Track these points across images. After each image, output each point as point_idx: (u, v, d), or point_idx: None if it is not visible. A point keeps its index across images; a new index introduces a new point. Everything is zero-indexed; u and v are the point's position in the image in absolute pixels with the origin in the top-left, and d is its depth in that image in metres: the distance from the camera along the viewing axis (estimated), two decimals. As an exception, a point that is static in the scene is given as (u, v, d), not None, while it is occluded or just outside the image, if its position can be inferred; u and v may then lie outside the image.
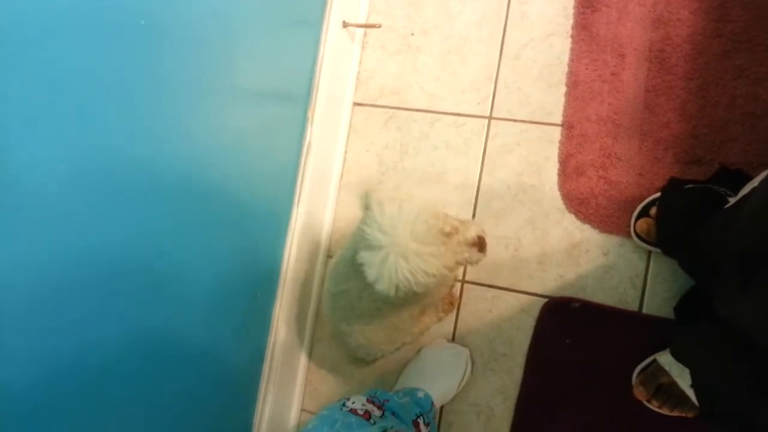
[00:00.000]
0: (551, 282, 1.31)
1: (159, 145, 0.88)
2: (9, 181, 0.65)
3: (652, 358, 1.17)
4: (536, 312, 1.31)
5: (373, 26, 1.47)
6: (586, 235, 1.30)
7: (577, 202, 1.30)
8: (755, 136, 1.20)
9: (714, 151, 1.22)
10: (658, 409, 1.17)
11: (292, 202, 1.32)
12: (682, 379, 1.09)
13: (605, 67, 1.30)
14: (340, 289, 1.18)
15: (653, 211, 1.19)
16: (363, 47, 1.51)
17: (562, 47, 1.35)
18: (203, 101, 0.97)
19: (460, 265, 1.02)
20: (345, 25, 1.39)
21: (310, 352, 1.47)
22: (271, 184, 1.26)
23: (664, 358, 1.12)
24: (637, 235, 1.22)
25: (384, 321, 1.20)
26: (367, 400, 1.13)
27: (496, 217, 1.36)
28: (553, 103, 1.35)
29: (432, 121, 1.44)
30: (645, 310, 1.25)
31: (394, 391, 1.28)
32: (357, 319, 1.20)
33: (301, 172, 1.32)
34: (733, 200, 1.07)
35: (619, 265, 1.27)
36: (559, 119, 1.34)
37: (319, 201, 1.41)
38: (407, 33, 1.48)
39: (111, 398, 0.88)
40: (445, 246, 0.95)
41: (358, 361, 1.40)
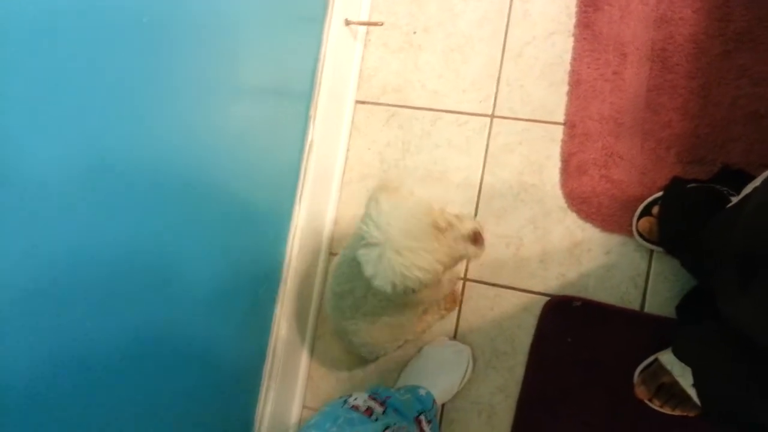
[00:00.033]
0: (553, 281, 1.31)
1: (161, 143, 0.88)
2: (10, 178, 0.65)
3: (653, 357, 1.17)
4: (538, 310, 1.31)
5: (376, 24, 1.47)
6: (588, 234, 1.30)
7: (579, 201, 1.30)
8: (757, 135, 1.20)
9: (716, 151, 1.22)
10: (659, 409, 1.17)
11: (294, 200, 1.32)
12: (684, 378, 1.09)
13: (607, 66, 1.30)
14: (344, 289, 1.18)
15: (655, 210, 1.19)
16: (365, 45, 1.51)
17: (564, 46, 1.35)
18: (205, 99, 0.97)
19: (457, 261, 1.01)
20: (347, 23, 1.39)
21: (312, 350, 1.47)
22: (273, 181, 1.26)
23: (666, 358, 1.12)
24: (639, 234, 1.22)
25: (388, 319, 1.20)
26: (369, 397, 1.13)
27: (497, 215, 1.36)
28: (555, 102, 1.35)
29: (434, 120, 1.44)
30: (647, 310, 1.25)
31: (396, 388, 1.29)
32: (361, 318, 1.20)
33: (303, 170, 1.32)
34: (735, 200, 1.07)
35: (620, 264, 1.27)
36: (561, 118, 1.34)
37: (321, 199, 1.41)
38: (409, 31, 1.48)
39: (112, 395, 0.88)
40: (439, 241, 0.96)
41: (359, 358, 1.40)
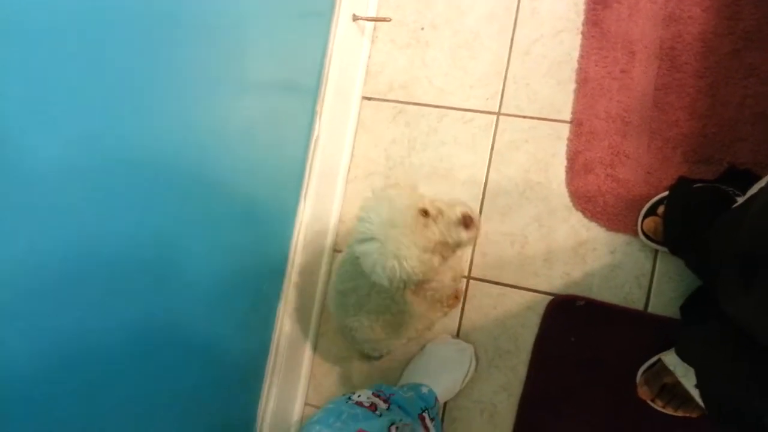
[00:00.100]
0: (557, 280, 1.31)
1: (166, 138, 0.88)
2: (14, 174, 0.65)
3: (656, 357, 1.17)
4: (541, 309, 1.31)
5: (383, 20, 1.47)
6: (593, 233, 1.30)
7: (585, 200, 1.29)
8: (765, 136, 1.19)
9: (723, 151, 1.21)
10: (662, 409, 1.17)
11: (299, 196, 1.32)
12: (687, 378, 1.09)
13: (615, 65, 1.29)
14: (347, 287, 1.18)
15: (661, 209, 1.19)
16: (372, 41, 1.51)
17: (572, 43, 1.35)
18: (212, 93, 0.97)
19: (453, 249, 1.00)
20: (355, 19, 1.39)
21: (315, 347, 1.47)
22: (278, 177, 1.26)
23: (669, 358, 1.12)
24: (645, 234, 1.22)
25: (390, 317, 1.20)
26: (373, 393, 1.14)
27: (502, 213, 1.36)
28: (562, 100, 1.34)
29: (440, 117, 1.44)
30: (651, 310, 1.24)
31: (399, 386, 1.29)
32: (364, 316, 1.20)
33: (308, 166, 1.32)
34: (741, 200, 1.07)
35: (625, 263, 1.27)
36: (567, 116, 1.33)
37: (326, 195, 1.41)
38: (417, 27, 1.48)
39: (115, 391, 0.88)
40: (430, 229, 0.96)
41: (362, 356, 1.40)
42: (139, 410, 0.94)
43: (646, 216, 1.22)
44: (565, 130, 1.33)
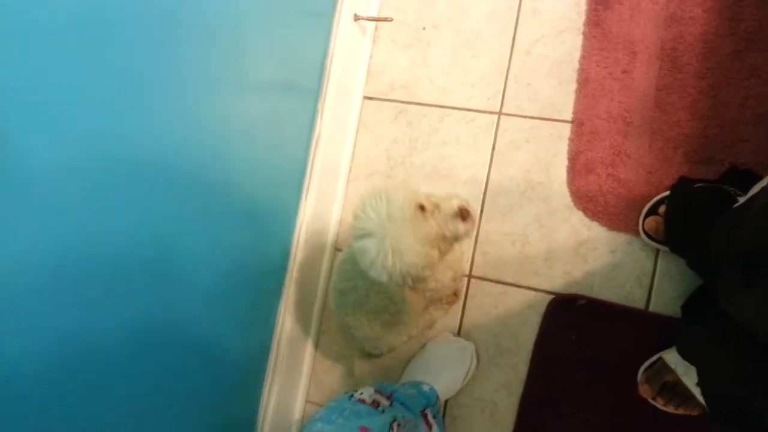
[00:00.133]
0: (558, 279, 1.31)
1: (167, 137, 0.88)
2: (15, 174, 0.65)
3: (657, 355, 1.17)
4: (542, 308, 1.31)
5: (385, 20, 1.47)
6: (594, 232, 1.30)
7: (586, 200, 1.30)
8: (766, 136, 1.19)
9: (724, 151, 1.21)
10: (662, 407, 1.17)
11: (300, 195, 1.32)
12: (688, 377, 1.09)
13: (617, 65, 1.30)
14: (347, 286, 1.18)
15: (662, 209, 1.19)
16: (374, 41, 1.51)
17: (573, 44, 1.35)
18: (213, 93, 0.97)
19: (451, 242, 1.01)
20: (356, 19, 1.39)
21: (316, 344, 1.47)
22: (279, 176, 1.26)
23: (670, 356, 1.12)
24: (646, 233, 1.22)
25: (389, 317, 1.20)
26: (375, 391, 1.14)
27: (503, 213, 1.36)
28: (564, 100, 1.34)
29: (442, 116, 1.44)
30: (652, 309, 1.25)
31: (400, 384, 1.29)
32: (364, 315, 1.21)
33: (309, 165, 1.32)
34: (742, 200, 1.07)
35: (626, 263, 1.27)
36: (569, 116, 1.33)
37: (327, 195, 1.42)
38: (418, 27, 1.48)
39: (116, 389, 0.88)
40: (427, 223, 0.97)
41: (363, 354, 1.40)
42: (141, 408, 0.95)
43: (647, 215, 1.22)
44: (567, 130, 1.33)
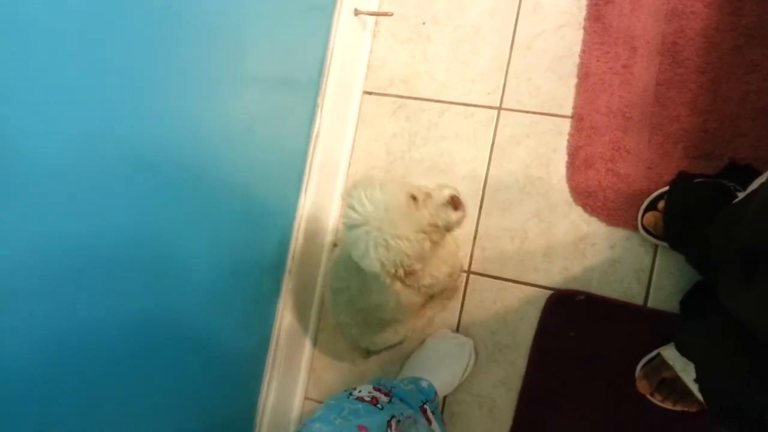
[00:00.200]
0: (557, 274, 1.31)
1: (167, 131, 0.88)
2: (13, 171, 0.65)
3: (656, 352, 1.17)
4: (541, 304, 1.31)
5: (385, 14, 1.47)
6: (593, 228, 1.30)
7: (585, 195, 1.29)
8: (766, 131, 1.19)
9: (724, 146, 1.21)
10: (660, 403, 1.17)
11: (299, 190, 1.32)
12: (686, 373, 1.09)
13: (617, 60, 1.29)
14: (340, 286, 1.19)
15: (661, 204, 1.19)
16: (374, 35, 1.51)
17: (574, 38, 1.35)
18: (213, 88, 0.97)
19: (442, 232, 1.01)
20: (356, 13, 1.39)
21: (315, 341, 1.47)
22: (279, 171, 1.26)
23: (668, 352, 1.12)
24: (645, 229, 1.22)
25: (386, 313, 1.20)
26: (374, 388, 1.13)
27: (503, 208, 1.36)
28: (564, 95, 1.34)
29: (441, 111, 1.43)
30: (650, 305, 1.25)
31: (398, 380, 1.29)
32: (358, 314, 1.21)
33: (309, 160, 1.32)
34: (741, 195, 1.07)
35: (625, 258, 1.27)
36: (569, 111, 1.33)
37: (326, 189, 1.41)
38: (419, 22, 1.48)
39: (115, 385, 0.88)
40: (419, 212, 0.97)
41: (361, 350, 1.40)
42: (139, 404, 0.95)
43: (646, 211, 1.22)
44: (566, 125, 1.33)
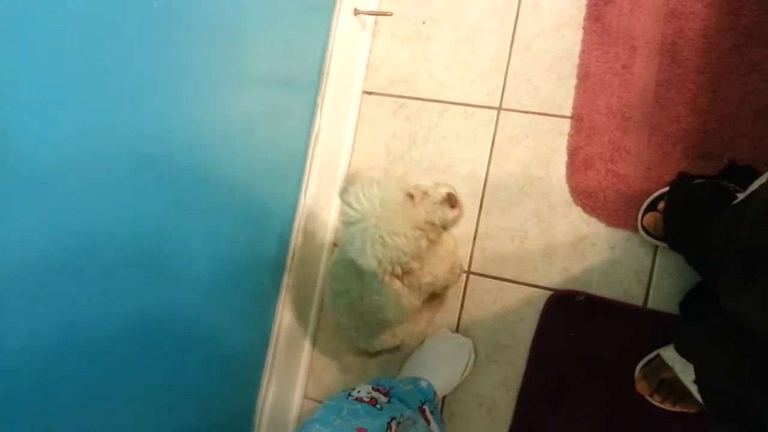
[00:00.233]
0: (556, 275, 1.31)
1: (167, 130, 0.88)
2: (13, 168, 0.65)
3: (655, 352, 1.17)
4: (541, 304, 1.31)
5: (385, 14, 1.46)
6: (593, 228, 1.30)
7: (585, 195, 1.29)
8: (765, 132, 1.19)
9: (723, 147, 1.21)
10: (659, 404, 1.17)
11: (299, 190, 1.32)
12: (685, 374, 1.09)
13: (616, 60, 1.29)
14: (341, 289, 1.18)
15: (661, 205, 1.19)
16: (374, 35, 1.51)
17: (573, 39, 1.35)
18: (213, 87, 0.97)
19: (439, 230, 1.01)
20: (356, 13, 1.39)
21: (314, 340, 1.47)
22: (279, 171, 1.26)
23: (668, 354, 1.12)
24: (644, 230, 1.22)
25: (386, 315, 1.20)
26: (373, 388, 1.13)
27: (502, 208, 1.36)
28: (563, 95, 1.34)
29: (441, 111, 1.43)
30: (650, 305, 1.25)
31: (398, 380, 1.29)
32: (358, 317, 1.21)
33: (309, 160, 1.32)
34: (741, 196, 1.07)
35: (625, 259, 1.27)
36: (568, 111, 1.33)
37: (326, 189, 1.41)
38: (418, 21, 1.47)
39: (114, 380, 0.88)
40: (416, 209, 0.97)
41: (361, 350, 1.40)
42: (139, 402, 0.95)
43: (646, 211, 1.22)
44: (566, 126, 1.33)
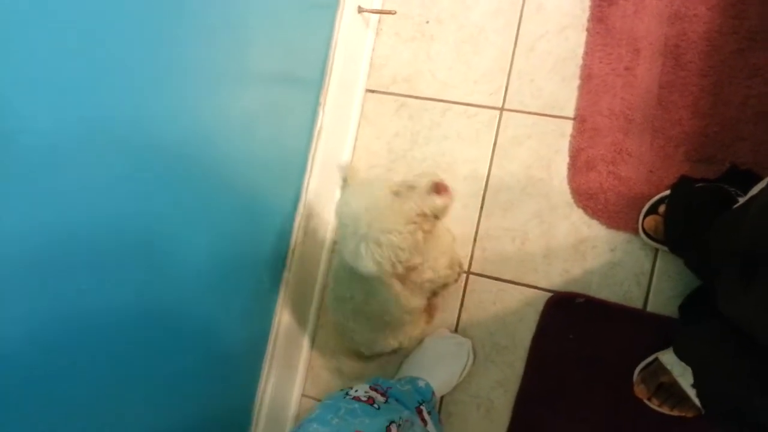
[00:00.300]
0: (556, 276, 1.31)
1: (169, 128, 0.88)
2: (10, 158, 0.64)
3: (654, 356, 1.17)
4: (540, 306, 1.31)
5: (388, 13, 1.46)
6: (594, 230, 1.29)
7: (586, 197, 1.29)
8: (766, 136, 1.19)
9: (725, 150, 1.21)
10: (657, 408, 1.17)
11: (301, 188, 1.32)
12: (684, 378, 1.09)
13: (620, 62, 1.29)
14: (344, 294, 1.19)
15: (662, 208, 1.19)
16: (377, 34, 1.51)
17: (577, 40, 1.34)
18: (216, 84, 0.97)
19: (431, 220, 1.01)
20: (360, 11, 1.39)
21: (313, 339, 1.47)
22: (281, 168, 1.26)
23: (666, 357, 1.12)
24: (645, 233, 1.22)
25: (392, 317, 1.20)
26: (370, 387, 1.13)
27: (504, 208, 1.36)
28: (566, 97, 1.34)
29: (443, 111, 1.43)
30: (649, 308, 1.24)
31: (396, 379, 1.29)
32: (364, 321, 1.21)
33: (311, 158, 1.32)
34: (742, 200, 1.07)
35: (625, 261, 1.27)
36: (571, 113, 1.33)
37: (328, 187, 1.41)
38: (422, 21, 1.47)
39: (113, 378, 0.88)
40: (404, 203, 0.98)
41: (359, 352, 1.40)
42: (137, 399, 0.95)
43: (647, 214, 1.22)
44: (569, 127, 1.33)
